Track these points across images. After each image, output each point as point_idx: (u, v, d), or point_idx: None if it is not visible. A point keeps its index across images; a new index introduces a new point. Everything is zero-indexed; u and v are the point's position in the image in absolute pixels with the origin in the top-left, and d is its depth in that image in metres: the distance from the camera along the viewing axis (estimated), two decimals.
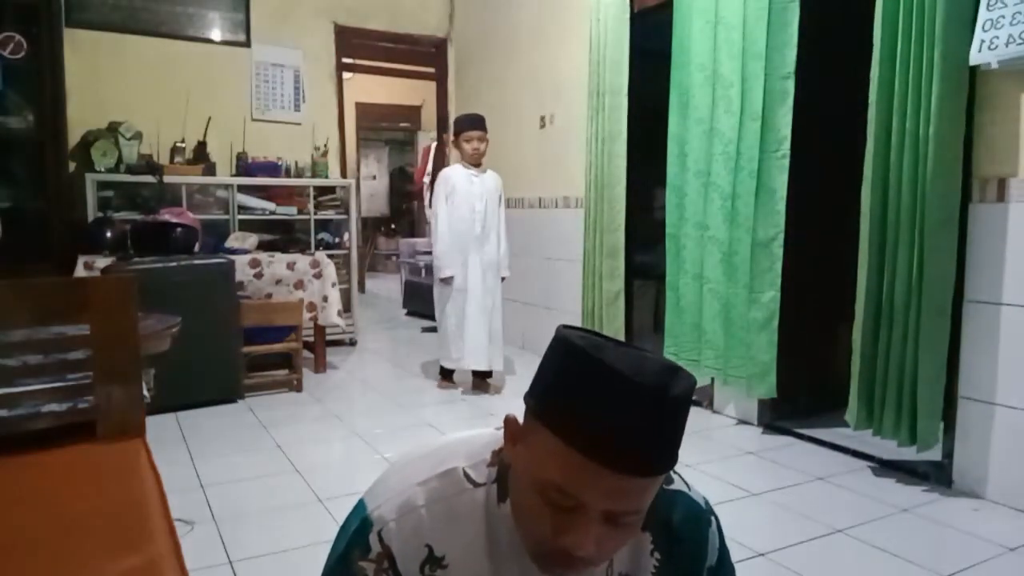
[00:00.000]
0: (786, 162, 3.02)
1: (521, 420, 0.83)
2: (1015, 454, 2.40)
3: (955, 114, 2.40)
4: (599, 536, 0.75)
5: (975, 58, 2.33)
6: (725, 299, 3.28)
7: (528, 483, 0.78)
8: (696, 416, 3.18)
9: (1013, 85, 2.36)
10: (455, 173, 3.87)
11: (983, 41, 2.31)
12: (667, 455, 0.75)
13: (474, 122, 3.84)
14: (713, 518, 0.95)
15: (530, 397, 0.80)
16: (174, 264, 3.57)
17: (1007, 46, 2.26)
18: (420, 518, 0.84)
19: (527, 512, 0.80)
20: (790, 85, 3.00)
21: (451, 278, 3.80)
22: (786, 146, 3.02)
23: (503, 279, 4.00)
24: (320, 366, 4.39)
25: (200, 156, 4.82)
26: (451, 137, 3.88)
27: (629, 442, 0.71)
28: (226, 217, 4.76)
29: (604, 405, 0.71)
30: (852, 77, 2.79)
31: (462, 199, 3.82)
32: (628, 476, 0.72)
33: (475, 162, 3.84)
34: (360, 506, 0.89)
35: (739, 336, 3.21)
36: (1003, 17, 2.28)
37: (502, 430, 0.89)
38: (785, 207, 3.04)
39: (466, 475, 0.87)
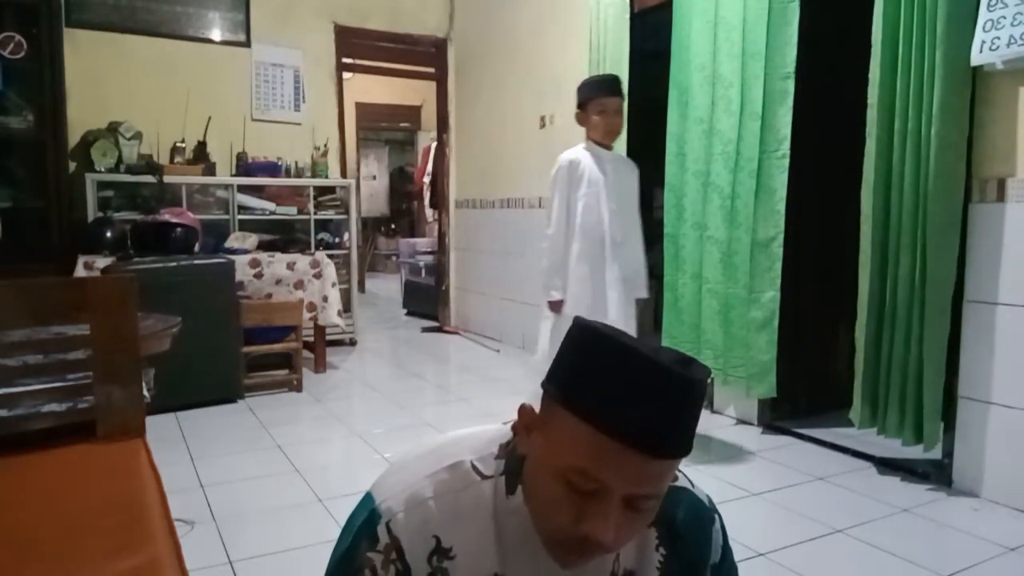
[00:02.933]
0: (786, 162, 3.02)
1: (537, 408, 0.83)
2: (1014, 454, 2.40)
3: (957, 115, 2.40)
4: (619, 522, 0.76)
5: (976, 59, 2.34)
6: (724, 299, 3.28)
7: (548, 470, 0.79)
8: None
9: (1012, 84, 2.36)
10: (584, 159, 2.81)
11: (984, 42, 2.32)
12: (687, 438, 0.77)
13: (609, 85, 2.82)
14: (716, 516, 0.96)
15: (551, 384, 0.81)
16: (174, 264, 3.57)
17: (1008, 46, 2.26)
18: (428, 510, 0.85)
19: (545, 500, 0.81)
20: (790, 85, 3.00)
21: (560, 303, 2.79)
22: (786, 146, 3.02)
23: (641, 301, 3.01)
24: (320, 366, 4.39)
25: (200, 156, 4.82)
26: (576, 110, 2.88)
27: (654, 423, 0.73)
28: (226, 217, 4.76)
29: (630, 387, 0.73)
30: (852, 77, 2.79)
31: (592, 194, 2.79)
32: (651, 458, 0.74)
33: (610, 141, 2.86)
34: (368, 499, 0.89)
35: (739, 336, 3.20)
36: (1004, 18, 2.28)
37: (507, 425, 0.90)
38: (785, 207, 3.04)
39: (474, 468, 0.88)
